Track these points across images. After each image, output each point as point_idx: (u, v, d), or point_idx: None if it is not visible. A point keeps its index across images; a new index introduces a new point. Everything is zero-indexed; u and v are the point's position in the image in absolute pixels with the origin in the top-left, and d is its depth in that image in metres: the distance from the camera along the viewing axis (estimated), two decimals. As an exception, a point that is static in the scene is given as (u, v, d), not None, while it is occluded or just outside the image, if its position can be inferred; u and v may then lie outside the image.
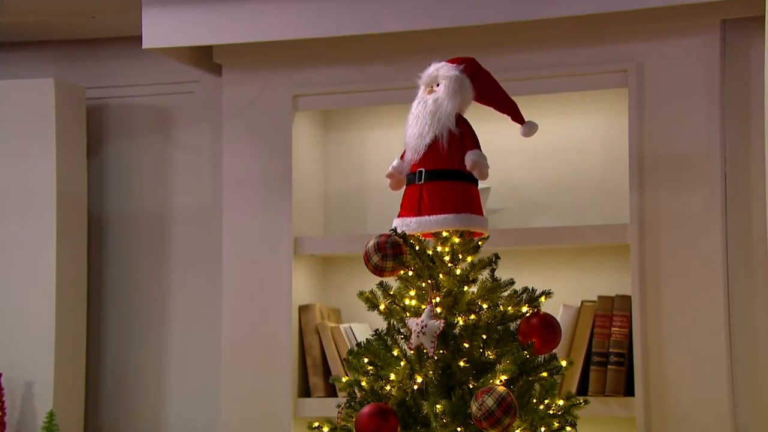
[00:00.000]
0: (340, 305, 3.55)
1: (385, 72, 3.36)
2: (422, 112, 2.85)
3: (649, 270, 3.12)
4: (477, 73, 2.89)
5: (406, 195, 2.87)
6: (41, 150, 3.62)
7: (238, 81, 3.50)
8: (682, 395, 3.07)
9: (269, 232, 3.43)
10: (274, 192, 3.44)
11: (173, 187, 3.79)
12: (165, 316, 3.76)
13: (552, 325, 2.78)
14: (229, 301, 3.46)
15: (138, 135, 3.84)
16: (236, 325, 3.44)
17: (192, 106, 3.78)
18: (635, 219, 3.15)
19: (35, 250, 3.60)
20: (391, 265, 2.78)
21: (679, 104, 3.14)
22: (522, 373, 2.70)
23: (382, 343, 2.78)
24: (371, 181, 3.54)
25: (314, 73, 3.44)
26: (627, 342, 3.15)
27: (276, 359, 3.38)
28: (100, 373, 3.80)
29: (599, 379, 3.16)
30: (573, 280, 3.31)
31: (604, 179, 3.35)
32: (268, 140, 3.46)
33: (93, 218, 3.82)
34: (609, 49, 3.20)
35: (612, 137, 3.34)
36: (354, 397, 2.79)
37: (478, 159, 2.82)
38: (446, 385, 2.70)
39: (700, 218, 3.10)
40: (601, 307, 3.18)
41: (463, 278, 2.76)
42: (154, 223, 3.80)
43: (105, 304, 3.82)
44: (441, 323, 2.71)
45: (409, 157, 2.86)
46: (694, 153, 3.13)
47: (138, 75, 3.82)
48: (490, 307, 2.76)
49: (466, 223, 2.80)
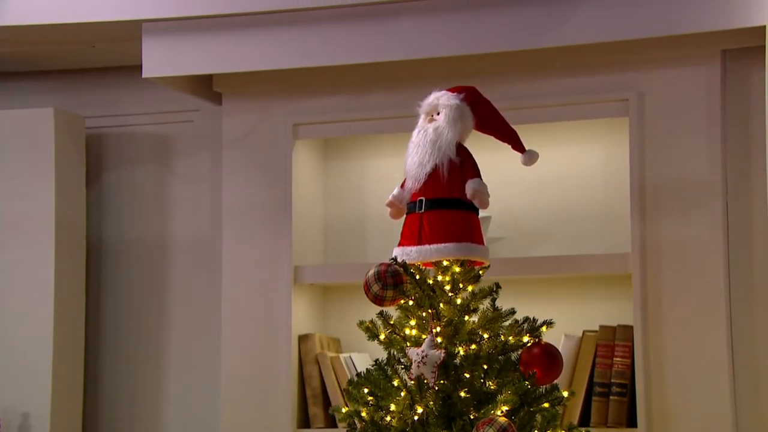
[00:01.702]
0: (340, 335, 3.53)
1: (385, 100, 3.36)
2: (423, 141, 2.85)
3: (651, 299, 3.11)
4: (477, 101, 2.90)
5: (406, 224, 2.86)
6: (40, 179, 3.62)
7: (238, 110, 3.50)
8: (684, 426, 3.05)
9: (269, 261, 3.42)
10: (273, 221, 3.43)
11: (172, 215, 3.78)
12: (163, 346, 3.75)
13: (553, 355, 2.76)
14: (229, 331, 3.44)
15: (137, 164, 3.84)
16: (235, 354, 3.42)
17: (192, 135, 3.78)
18: (637, 248, 3.13)
19: (33, 279, 3.59)
20: (391, 294, 2.77)
21: (680, 133, 3.14)
22: (523, 403, 2.68)
23: (382, 373, 2.76)
24: (371, 209, 3.53)
25: (314, 102, 3.44)
26: (629, 372, 3.13)
27: (275, 389, 3.36)
28: (98, 403, 3.77)
29: (601, 409, 3.14)
30: (574, 309, 3.29)
31: (605, 208, 3.35)
32: (268, 169, 3.46)
33: (92, 247, 3.81)
34: (610, 78, 3.20)
35: (613, 166, 3.33)
36: (354, 427, 2.77)
37: (479, 188, 2.81)
38: (447, 416, 2.68)
39: (702, 246, 3.09)
40: (602, 337, 3.16)
41: (463, 308, 2.75)
42: (153, 252, 3.78)
43: (103, 333, 3.80)
44: (442, 353, 2.69)
45: (410, 186, 2.86)
46: (695, 181, 3.12)
47: (138, 104, 3.82)
48: (491, 337, 2.74)
49: (467, 252, 2.79)
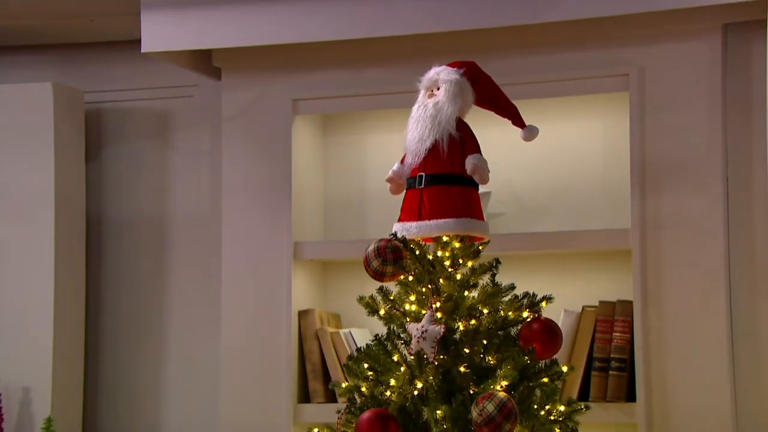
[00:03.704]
0: (339, 310, 3.53)
1: (385, 76, 3.35)
2: (422, 116, 2.84)
3: (650, 275, 3.11)
4: (477, 76, 2.88)
5: (406, 199, 2.86)
6: (40, 154, 3.61)
7: (238, 85, 3.49)
8: (683, 401, 3.06)
9: (269, 237, 3.42)
10: (273, 196, 3.43)
11: (172, 191, 3.78)
12: (164, 321, 3.75)
13: (553, 330, 2.76)
14: (229, 306, 3.45)
15: (137, 139, 3.83)
16: (235, 329, 3.43)
17: (191, 110, 3.77)
18: (637, 223, 3.13)
19: (33, 254, 3.59)
20: (391, 269, 2.77)
21: (680, 108, 3.13)
22: (523, 378, 2.69)
23: (382, 348, 2.76)
24: (371, 185, 3.53)
25: (314, 77, 3.43)
26: (628, 347, 3.14)
27: (275, 365, 3.37)
28: (99, 378, 3.78)
29: (600, 384, 3.14)
30: (574, 285, 3.30)
31: (605, 183, 3.34)
32: (268, 144, 3.45)
33: (91, 222, 3.81)
34: (610, 53, 3.19)
35: (613, 141, 3.33)
36: (354, 402, 2.77)
37: (479, 163, 2.81)
38: (447, 391, 2.69)
39: (702, 222, 3.09)
40: (602, 313, 3.17)
41: (463, 283, 2.75)
42: (153, 227, 3.78)
43: (103, 308, 3.81)
44: (441, 328, 2.70)
45: (410, 162, 2.85)
46: (695, 157, 3.11)
47: (137, 79, 3.81)
48: (491, 312, 2.74)
49: (467, 227, 2.79)
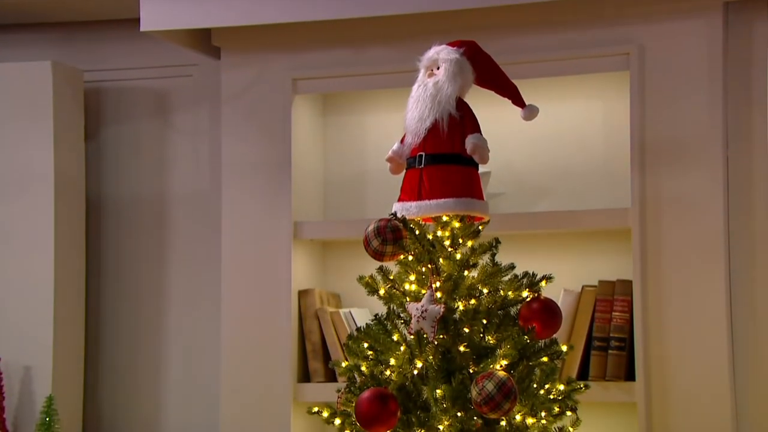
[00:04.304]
0: (339, 290, 3.54)
1: (385, 55, 3.34)
2: (422, 96, 2.83)
3: (650, 254, 3.11)
4: (477, 56, 2.88)
5: (406, 179, 2.86)
6: (39, 133, 3.61)
7: (237, 64, 3.48)
8: (683, 380, 3.07)
9: (268, 217, 3.42)
10: (273, 176, 3.42)
11: (172, 170, 3.77)
12: (164, 301, 3.76)
13: (553, 309, 2.77)
14: (229, 286, 3.45)
15: (136, 118, 3.82)
16: (236, 310, 3.43)
17: (190, 90, 3.76)
18: (636, 203, 3.13)
19: (33, 234, 3.59)
20: (390, 249, 2.77)
21: (681, 87, 3.13)
22: (522, 357, 2.69)
23: (381, 327, 2.77)
24: (371, 165, 3.53)
25: (314, 57, 3.42)
26: (628, 327, 3.14)
27: (275, 344, 3.38)
28: (99, 357, 3.79)
29: (600, 363, 3.15)
30: (574, 264, 3.30)
31: (605, 163, 3.34)
32: (268, 124, 3.45)
33: (91, 202, 3.81)
34: (611, 32, 3.18)
35: (613, 121, 3.32)
36: (354, 381, 2.78)
37: (479, 143, 2.80)
38: (446, 370, 2.69)
39: (702, 202, 3.09)
40: (602, 292, 3.17)
41: (463, 263, 2.75)
42: (152, 207, 3.78)
43: (103, 288, 3.81)
44: (441, 308, 2.70)
45: (409, 141, 2.85)
46: (695, 136, 3.11)
47: (136, 58, 3.80)
48: (491, 292, 2.75)
49: (467, 207, 2.79)
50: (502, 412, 2.58)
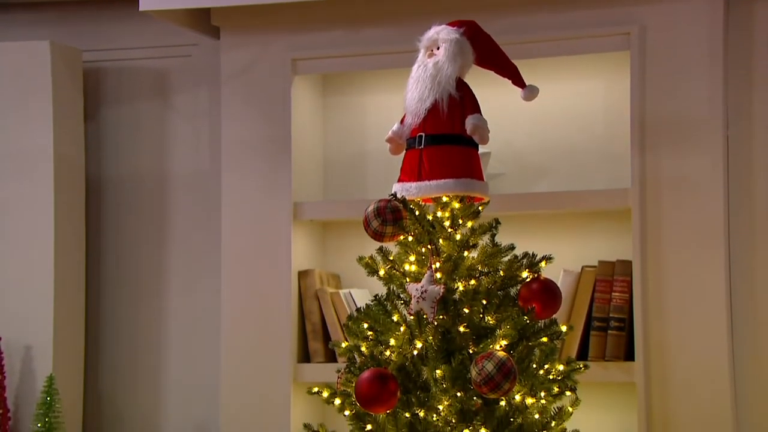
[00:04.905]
0: (339, 271, 3.54)
1: (385, 35, 3.33)
2: (422, 76, 2.83)
3: (650, 234, 3.11)
4: (477, 36, 2.87)
5: (406, 160, 2.86)
6: (38, 113, 3.60)
7: (237, 44, 3.47)
8: (682, 360, 3.07)
9: (268, 197, 3.42)
10: (273, 157, 3.42)
11: (171, 151, 3.77)
12: (164, 280, 3.76)
13: (552, 290, 2.77)
14: (229, 266, 3.45)
15: (135, 98, 3.81)
16: (236, 290, 3.43)
17: (190, 70, 3.75)
18: (636, 183, 3.13)
19: (33, 214, 3.59)
20: (390, 230, 2.77)
21: (681, 67, 3.12)
22: (522, 338, 2.70)
23: (381, 308, 2.77)
24: (371, 145, 3.52)
25: (313, 37, 3.41)
26: (627, 307, 3.15)
27: (275, 325, 3.38)
28: (100, 337, 3.80)
29: (599, 344, 3.16)
30: (574, 245, 3.30)
31: (605, 143, 3.33)
32: (267, 104, 3.44)
33: (91, 182, 3.81)
34: (611, 12, 3.17)
35: (614, 101, 3.32)
36: (354, 362, 2.78)
37: (479, 123, 2.80)
38: (446, 351, 2.69)
39: (702, 181, 3.09)
40: (601, 272, 3.17)
41: (463, 243, 2.75)
42: (152, 187, 3.78)
43: (103, 267, 3.81)
44: (441, 288, 2.70)
45: (409, 122, 2.84)
46: (696, 116, 3.10)
47: (135, 38, 3.79)
48: (490, 273, 2.75)
49: (467, 187, 2.78)
50: (502, 392, 2.59)
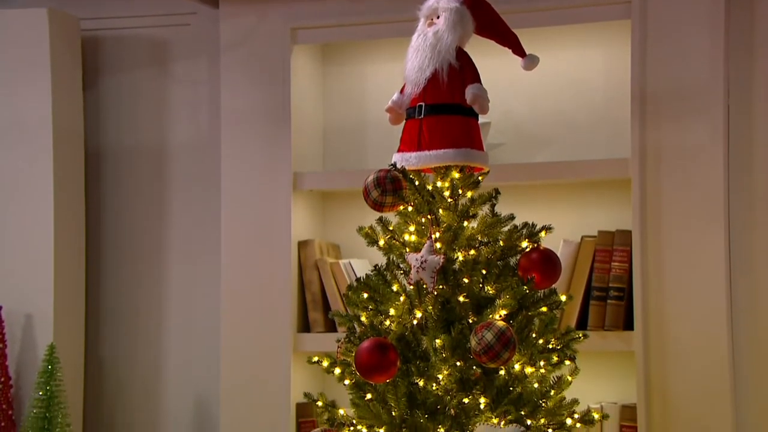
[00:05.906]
0: (339, 241, 3.54)
1: (384, 4, 3.31)
2: (422, 45, 2.81)
3: (650, 204, 3.11)
4: (477, 4, 2.85)
5: (405, 129, 2.85)
6: (36, 82, 3.58)
7: (236, 13, 3.45)
8: (681, 329, 3.08)
9: (268, 167, 3.41)
10: (272, 126, 3.41)
11: (171, 120, 3.76)
12: (164, 250, 3.76)
13: (552, 260, 2.77)
14: (228, 236, 3.45)
15: (134, 68, 3.80)
16: (235, 260, 3.44)
17: (189, 39, 3.73)
18: (637, 153, 3.13)
19: (33, 184, 3.59)
20: (390, 200, 2.77)
21: (682, 36, 3.11)
22: (522, 307, 2.70)
23: (381, 278, 2.77)
24: (371, 115, 3.51)
25: (313, 6, 3.39)
26: (627, 277, 3.15)
27: (275, 295, 3.39)
28: (100, 305, 3.81)
29: (599, 313, 3.17)
30: (573, 215, 3.30)
31: (605, 113, 3.33)
32: (267, 74, 3.43)
33: (90, 151, 3.80)
34: (612, -19, 3.15)
35: (614, 70, 3.31)
36: (353, 332, 2.79)
37: (479, 93, 2.79)
38: (446, 320, 2.70)
39: (702, 152, 3.09)
40: (601, 242, 3.18)
41: (462, 213, 2.75)
42: (151, 157, 3.77)
43: (103, 237, 3.82)
44: (441, 258, 2.71)
45: (409, 91, 2.83)
46: (696, 86, 3.10)
47: (134, 6, 3.77)
48: (490, 243, 2.75)
49: (466, 157, 2.78)
50: (501, 362, 2.60)
